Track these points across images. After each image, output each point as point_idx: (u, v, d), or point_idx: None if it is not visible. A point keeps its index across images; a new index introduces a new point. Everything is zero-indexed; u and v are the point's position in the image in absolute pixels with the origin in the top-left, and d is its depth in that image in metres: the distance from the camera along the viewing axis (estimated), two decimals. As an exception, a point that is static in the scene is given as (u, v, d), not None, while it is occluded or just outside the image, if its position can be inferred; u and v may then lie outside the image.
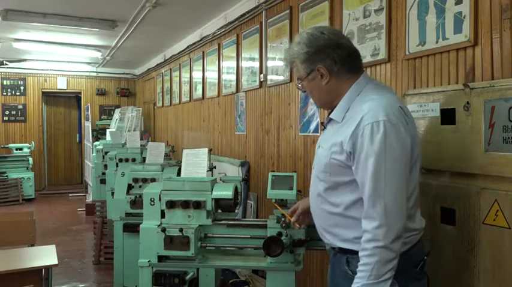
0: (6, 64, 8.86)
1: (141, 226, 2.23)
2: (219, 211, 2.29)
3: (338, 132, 1.50)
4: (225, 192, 2.20)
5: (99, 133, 8.96)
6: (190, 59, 6.25)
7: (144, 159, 3.99)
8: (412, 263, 1.51)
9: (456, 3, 2.04)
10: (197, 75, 5.98)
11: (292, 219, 1.92)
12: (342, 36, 1.60)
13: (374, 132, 1.38)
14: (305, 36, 1.56)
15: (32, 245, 3.20)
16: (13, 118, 9.27)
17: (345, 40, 1.57)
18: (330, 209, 1.55)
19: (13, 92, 9.27)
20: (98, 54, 7.74)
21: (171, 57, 7.07)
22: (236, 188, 2.27)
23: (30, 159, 8.61)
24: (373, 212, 1.38)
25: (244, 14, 4.36)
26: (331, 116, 1.58)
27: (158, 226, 2.15)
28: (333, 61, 1.52)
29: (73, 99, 10.55)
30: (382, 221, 1.36)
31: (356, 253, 1.46)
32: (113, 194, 3.97)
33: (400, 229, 1.39)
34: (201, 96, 5.79)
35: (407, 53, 2.34)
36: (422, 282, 1.56)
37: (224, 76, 5.02)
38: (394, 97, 1.54)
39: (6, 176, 8.21)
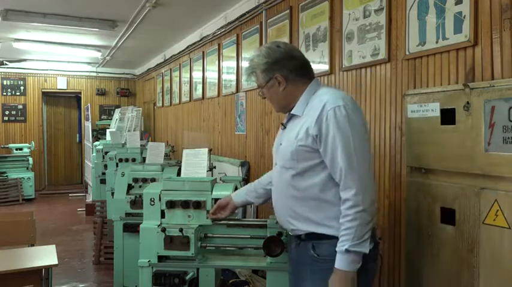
0: (6, 64, 8.86)
1: (141, 226, 2.23)
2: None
3: (301, 123, 1.69)
4: (225, 192, 2.20)
5: (99, 133, 8.96)
6: (190, 59, 6.25)
7: (144, 159, 3.99)
8: (374, 242, 1.66)
9: (456, 3, 2.04)
10: (197, 75, 5.98)
11: (210, 212, 2.10)
12: (295, 49, 1.85)
13: (337, 115, 1.59)
14: (264, 49, 1.78)
15: (32, 245, 3.20)
16: (13, 118, 9.27)
17: (297, 52, 1.81)
18: (297, 195, 1.70)
19: (13, 92, 9.27)
20: (98, 54, 7.74)
21: (171, 57, 7.07)
22: (236, 188, 2.27)
23: (30, 159, 8.61)
24: (350, 182, 1.57)
25: (244, 14, 4.36)
26: (292, 112, 1.77)
27: (158, 226, 2.15)
28: (289, 70, 1.75)
29: (73, 99, 10.54)
30: (359, 188, 1.56)
31: (323, 237, 1.64)
32: (112, 194, 3.97)
33: (374, 194, 1.62)
34: (201, 96, 5.79)
35: (407, 53, 2.34)
36: (377, 262, 1.77)
37: (224, 76, 5.02)
38: (345, 93, 1.78)
39: (6, 176, 8.20)
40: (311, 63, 1.82)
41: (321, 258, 1.65)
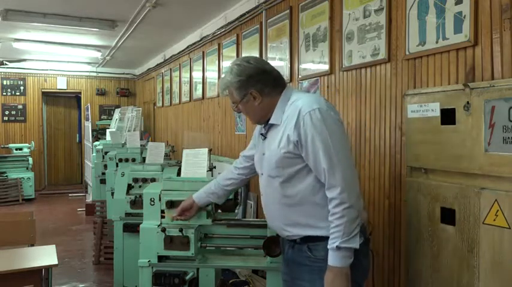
0: (6, 64, 8.86)
1: (141, 226, 2.23)
2: (219, 211, 2.29)
3: (281, 131, 1.73)
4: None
5: (99, 133, 8.96)
6: (190, 59, 6.25)
7: (144, 159, 3.99)
8: (364, 238, 1.70)
9: (456, 3, 2.04)
10: (197, 75, 5.98)
11: (174, 215, 2.10)
12: (265, 63, 1.88)
13: (313, 118, 1.63)
14: (235, 67, 1.80)
15: (32, 245, 3.20)
16: (13, 118, 9.27)
17: (268, 66, 1.84)
18: (288, 202, 1.73)
19: (13, 92, 9.27)
20: (98, 54, 7.74)
21: (171, 57, 7.07)
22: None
23: (30, 159, 8.60)
24: (334, 181, 1.61)
25: (244, 14, 4.36)
26: (271, 121, 1.79)
27: (158, 226, 2.15)
28: (263, 85, 1.78)
29: (73, 99, 10.54)
30: (342, 186, 1.60)
31: (318, 239, 1.68)
32: (112, 194, 3.97)
33: (358, 190, 1.66)
34: (201, 96, 5.79)
35: (407, 53, 2.34)
36: (369, 258, 1.80)
37: (224, 76, 5.01)
38: (318, 95, 1.80)
39: (6, 176, 8.20)
40: (311, 63, 1.81)
41: (318, 258, 1.68)
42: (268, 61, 3.90)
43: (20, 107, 9.33)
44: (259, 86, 1.78)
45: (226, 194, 2.12)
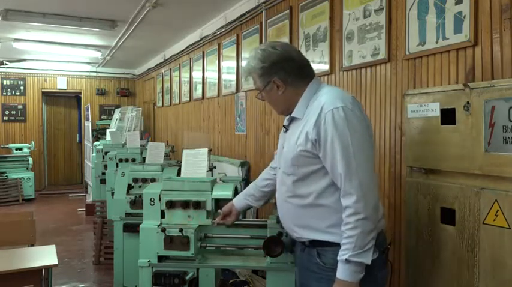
0: (6, 64, 8.86)
1: (141, 226, 2.23)
2: (219, 211, 2.29)
3: (301, 127, 1.63)
4: (225, 192, 2.20)
5: (99, 133, 8.96)
6: (190, 59, 6.25)
7: (144, 159, 3.99)
8: (379, 251, 1.58)
9: (456, 3, 2.04)
10: (197, 75, 5.98)
11: (216, 220, 2.08)
12: (292, 49, 1.74)
13: (335, 117, 1.51)
14: (260, 52, 1.70)
15: (32, 245, 3.20)
16: (13, 118, 9.27)
17: (295, 53, 1.71)
18: (299, 202, 1.64)
19: (13, 92, 9.27)
20: (98, 54, 7.74)
21: (171, 57, 7.07)
22: (236, 188, 2.27)
23: (30, 159, 8.60)
24: (350, 188, 1.50)
25: (244, 14, 4.36)
26: (293, 114, 1.70)
27: (158, 226, 2.15)
28: (287, 73, 1.67)
29: (73, 99, 10.54)
30: (359, 195, 1.48)
31: (327, 245, 1.59)
32: (112, 194, 3.97)
33: (376, 200, 1.55)
34: (201, 96, 5.79)
35: (407, 53, 2.34)
36: (387, 270, 1.68)
37: (224, 76, 5.02)
38: (345, 92, 1.73)
39: (6, 176, 8.20)
40: (311, 63, 1.78)
41: (327, 267, 1.59)
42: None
43: (20, 107, 9.33)
44: (283, 74, 1.66)
45: (264, 195, 2.02)
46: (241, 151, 4.54)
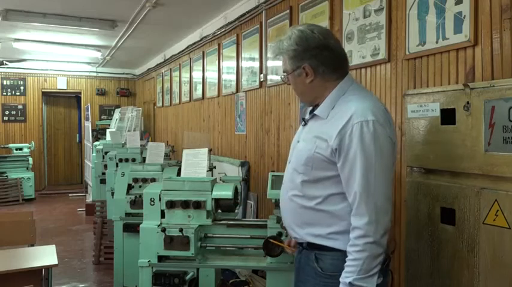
0: (6, 64, 8.86)
1: (141, 226, 2.23)
2: (219, 211, 2.29)
3: (323, 128, 1.52)
4: (225, 192, 2.20)
5: (99, 133, 8.96)
6: (190, 59, 6.25)
7: (144, 159, 3.99)
8: (384, 276, 1.51)
9: (456, 3, 2.04)
10: (197, 75, 5.98)
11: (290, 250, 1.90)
12: (331, 37, 1.59)
13: (364, 131, 1.41)
14: (296, 33, 1.57)
15: (32, 245, 3.20)
16: (13, 118, 9.27)
17: (333, 41, 1.57)
18: (304, 203, 1.56)
19: (13, 92, 9.27)
20: (98, 54, 7.74)
21: (171, 57, 7.07)
22: (236, 188, 2.27)
23: (30, 159, 8.60)
24: (364, 209, 1.41)
25: (244, 14, 4.36)
26: (316, 112, 1.58)
27: (158, 226, 2.15)
28: (319, 62, 1.54)
29: (73, 99, 10.54)
30: (372, 217, 1.40)
31: (326, 249, 1.52)
32: (112, 194, 3.97)
33: (388, 225, 1.45)
34: (201, 96, 5.79)
35: (407, 53, 2.34)
36: (388, 279, 1.60)
37: (224, 76, 5.02)
38: (377, 99, 1.61)
39: (6, 176, 8.20)
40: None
41: (324, 273, 1.52)
42: (268, 61, 3.95)
43: (20, 107, 9.33)
44: (315, 63, 1.53)
45: None
46: (241, 150, 4.54)
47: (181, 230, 2.07)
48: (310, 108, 1.70)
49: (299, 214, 1.59)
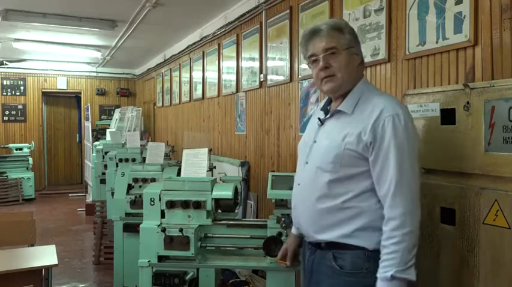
0: (6, 64, 8.86)
1: (141, 226, 2.23)
2: (219, 211, 2.29)
3: (351, 124, 1.53)
4: (225, 192, 2.20)
5: (99, 133, 8.96)
6: (190, 59, 6.25)
7: (144, 159, 4.00)
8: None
9: (456, 3, 2.04)
10: (197, 75, 5.98)
11: (287, 263, 1.90)
12: None
13: (396, 124, 1.45)
14: (346, 23, 1.65)
15: (32, 245, 3.20)
16: (13, 118, 9.27)
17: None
18: (330, 204, 1.54)
19: (13, 92, 9.27)
20: (98, 54, 7.74)
21: (171, 57, 7.07)
22: (236, 188, 2.27)
23: (30, 159, 8.60)
24: (399, 200, 1.43)
25: (244, 14, 4.36)
26: (340, 108, 1.59)
27: (158, 226, 2.15)
28: (361, 53, 1.64)
29: (73, 99, 10.54)
30: (407, 207, 1.43)
31: (347, 248, 1.51)
32: (112, 194, 3.97)
33: (420, 215, 1.48)
34: (201, 96, 5.79)
35: (407, 53, 2.34)
36: None
37: (224, 76, 5.02)
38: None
39: (6, 176, 8.20)
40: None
41: (343, 271, 1.51)
42: (268, 61, 3.96)
43: (20, 107, 9.33)
44: (361, 54, 1.62)
45: None
46: (241, 150, 4.54)
47: (181, 230, 2.07)
48: (320, 107, 1.72)
49: (322, 213, 1.56)
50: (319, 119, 1.66)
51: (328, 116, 1.64)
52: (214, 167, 3.90)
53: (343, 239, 1.52)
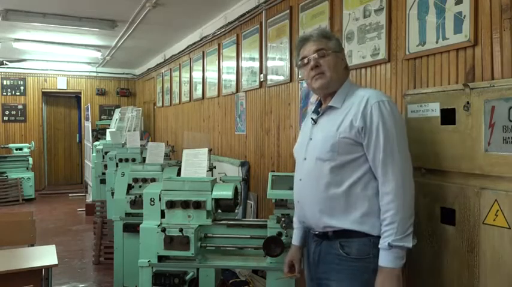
0: (6, 64, 8.86)
1: (141, 226, 2.23)
2: (219, 211, 2.30)
3: (342, 115, 1.68)
4: (225, 192, 2.20)
5: (99, 133, 8.96)
6: (190, 59, 6.25)
7: (144, 159, 4.00)
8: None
9: (456, 3, 2.04)
10: (197, 75, 5.98)
11: (295, 274, 1.91)
12: None
13: (382, 109, 1.61)
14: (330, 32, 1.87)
15: (32, 245, 3.20)
16: (13, 118, 9.27)
17: None
18: (335, 191, 1.64)
19: (13, 92, 9.27)
20: (98, 54, 7.74)
21: (171, 57, 7.07)
22: (236, 188, 2.28)
23: (30, 159, 8.60)
24: (391, 175, 1.56)
25: (244, 14, 4.36)
26: (331, 103, 1.74)
27: (158, 226, 2.16)
28: (346, 60, 1.83)
29: (73, 99, 10.55)
30: (399, 182, 1.55)
31: (354, 235, 1.61)
32: (112, 194, 3.97)
33: (413, 187, 1.61)
34: (201, 96, 5.79)
35: (407, 53, 2.34)
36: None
37: (224, 76, 5.02)
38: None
39: (6, 176, 8.20)
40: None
41: (349, 257, 1.61)
42: (268, 61, 3.96)
43: (20, 107, 9.33)
44: (345, 59, 1.82)
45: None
46: (241, 150, 4.54)
47: (181, 230, 2.07)
48: (313, 108, 1.87)
49: (328, 202, 1.65)
50: (312, 119, 1.81)
51: (320, 114, 1.79)
52: (214, 167, 3.90)
53: (351, 225, 1.62)
